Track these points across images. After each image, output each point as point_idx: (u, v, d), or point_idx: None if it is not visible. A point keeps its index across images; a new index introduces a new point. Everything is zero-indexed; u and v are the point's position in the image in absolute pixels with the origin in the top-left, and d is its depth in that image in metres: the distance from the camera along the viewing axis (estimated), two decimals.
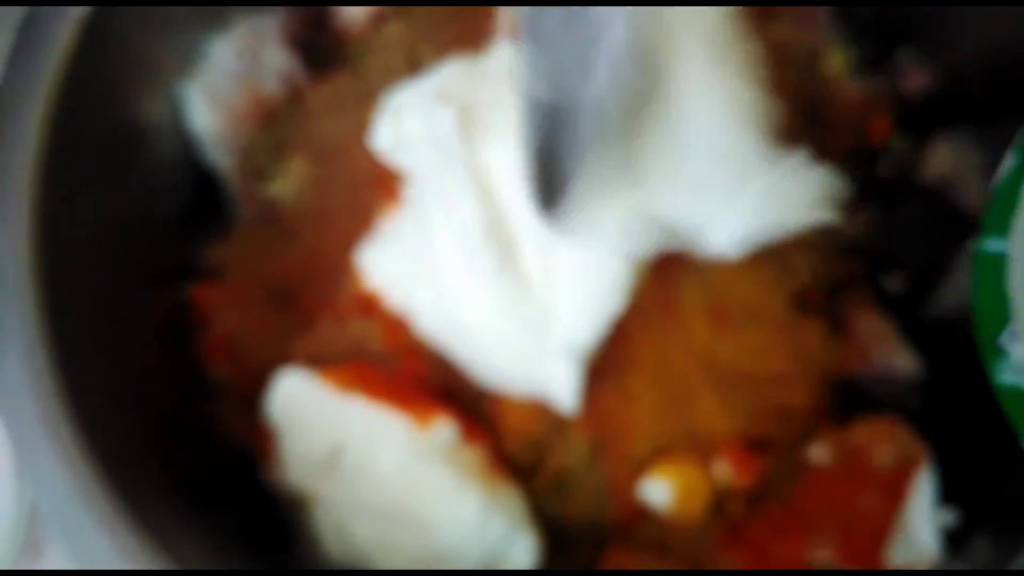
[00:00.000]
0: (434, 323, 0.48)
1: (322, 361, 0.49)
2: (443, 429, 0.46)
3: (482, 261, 0.46)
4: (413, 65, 0.53)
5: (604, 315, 0.45)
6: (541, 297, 0.45)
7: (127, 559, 0.42)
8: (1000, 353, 0.40)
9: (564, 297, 0.45)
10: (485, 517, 0.45)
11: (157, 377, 0.52)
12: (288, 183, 0.54)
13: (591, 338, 0.45)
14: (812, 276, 0.50)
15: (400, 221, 0.49)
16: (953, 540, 0.46)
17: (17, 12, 0.49)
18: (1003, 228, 0.41)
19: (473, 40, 0.52)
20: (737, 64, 0.47)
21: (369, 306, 0.49)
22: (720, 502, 0.48)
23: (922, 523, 0.46)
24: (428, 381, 0.48)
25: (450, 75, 0.48)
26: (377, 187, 0.51)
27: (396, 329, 0.49)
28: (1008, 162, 0.42)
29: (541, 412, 0.47)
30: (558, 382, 0.46)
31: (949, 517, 0.46)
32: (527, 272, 0.46)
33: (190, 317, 0.55)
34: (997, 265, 0.40)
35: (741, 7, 0.54)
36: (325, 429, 0.47)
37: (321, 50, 0.58)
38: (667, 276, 0.48)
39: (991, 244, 0.41)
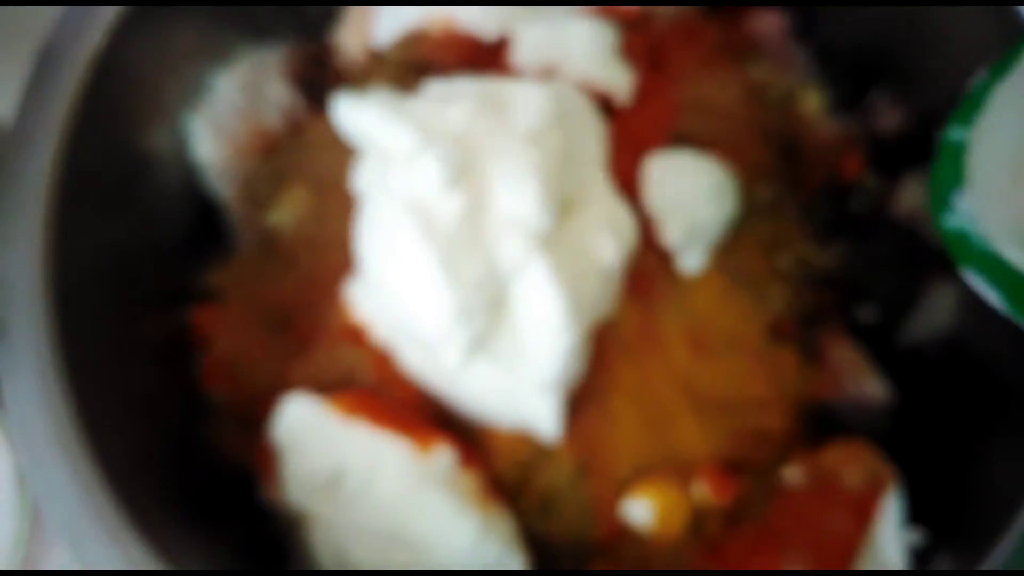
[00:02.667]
0: (416, 361, 0.48)
1: (319, 385, 0.49)
2: (443, 455, 0.47)
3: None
4: None
5: (577, 349, 0.45)
6: (516, 333, 0.45)
7: (129, 566, 0.42)
8: (948, 206, 0.45)
9: (536, 332, 0.44)
10: (480, 541, 0.46)
11: (159, 395, 0.53)
12: (287, 212, 0.54)
13: (567, 371, 0.45)
14: (787, 306, 0.50)
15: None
16: (918, 558, 0.47)
17: (32, 46, 0.50)
18: (966, 121, 0.45)
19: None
20: None
21: (357, 337, 0.50)
22: (698, 521, 0.48)
23: (889, 542, 0.46)
24: (421, 408, 0.49)
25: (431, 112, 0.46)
26: None
27: (384, 360, 0.49)
28: (980, 75, 0.46)
29: (527, 436, 0.48)
30: (540, 415, 0.46)
31: (915, 536, 0.47)
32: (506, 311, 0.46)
33: (191, 339, 0.55)
34: (957, 149, 0.45)
35: (721, 46, 0.56)
36: (327, 452, 0.47)
37: (321, 86, 0.58)
38: (648, 305, 0.49)
39: (953, 134, 0.46)
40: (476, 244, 0.43)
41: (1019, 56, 0.45)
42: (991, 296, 0.44)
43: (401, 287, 0.45)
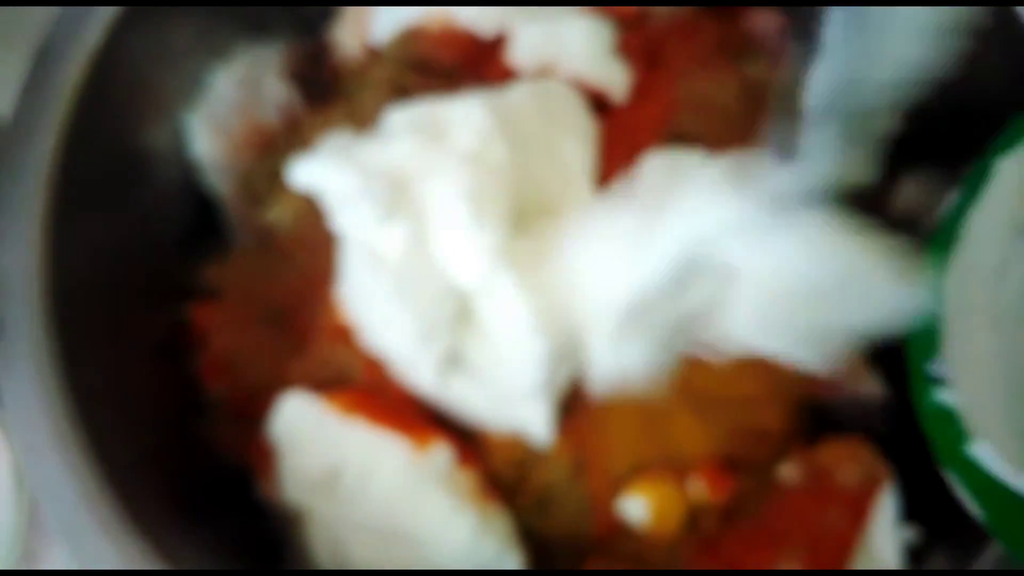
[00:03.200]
0: (402, 372, 0.48)
1: (316, 383, 0.50)
2: (440, 453, 0.47)
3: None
4: (402, 100, 0.53)
5: (557, 353, 0.45)
6: (493, 344, 0.46)
7: (126, 563, 0.43)
8: (927, 379, 0.43)
9: (510, 343, 0.45)
10: (477, 539, 0.46)
11: (157, 392, 0.53)
12: (284, 209, 0.54)
13: (551, 376, 0.46)
14: None
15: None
16: (914, 556, 0.47)
17: (31, 44, 0.50)
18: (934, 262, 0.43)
19: (462, 74, 0.54)
20: None
21: (347, 338, 0.50)
22: (694, 518, 0.48)
23: (884, 539, 0.46)
24: (417, 407, 0.49)
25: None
26: None
27: (374, 364, 0.49)
28: (947, 203, 0.45)
29: (523, 435, 0.48)
30: (530, 421, 0.47)
31: (910, 534, 0.47)
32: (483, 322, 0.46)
33: (189, 336, 0.56)
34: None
35: (717, 44, 0.56)
36: (325, 450, 0.47)
37: (318, 83, 0.59)
38: None
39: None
40: (427, 268, 0.44)
41: (990, 177, 0.43)
42: (971, 508, 0.42)
43: (369, 321, 0.47)
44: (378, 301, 0.46)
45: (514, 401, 0.46)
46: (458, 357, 0.46)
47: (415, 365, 0.46)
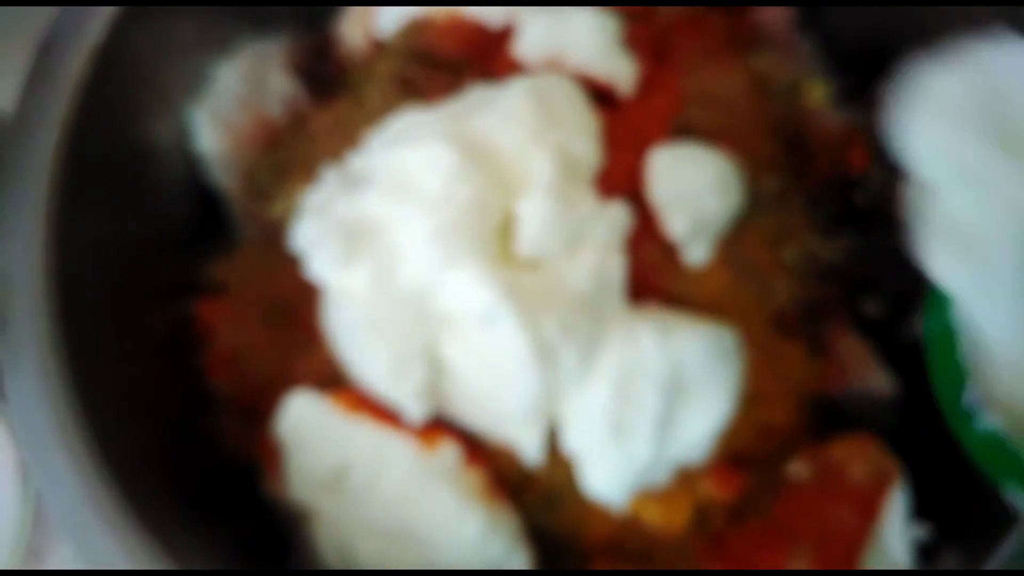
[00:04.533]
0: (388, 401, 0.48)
1: (321, 380, 0.50)
2: (448, 452, 0.47)
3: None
4: (408, 93, 0.54)
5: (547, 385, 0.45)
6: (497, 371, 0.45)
7: (132, 561, 0.43)
8: (962, 411, 0.44)
9: (507, 371, 0.45)
10: (485, 537, 0.46)
11: (162, 388, 0.53)
12: (289, 204, 0.54)
13: (542, 405, 0.46)
14: (792, 299, 0.50)
15: None
16: (925, 554, 0.47)
17: (32, 38, 0.50)
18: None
19: (468, 68, 0.54)
20: None
21: None
22: (703, 516, 0.48)
23: (895, 536, 0.46)
24: None
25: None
26: None
27: None
28: None
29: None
30: (523, 443, 0.47)
31: (921, 531, 0.47)
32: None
33: (194, 332, 0.56)
34: (947, 337, 0.44)
35: (726, 37, 0.56)
36: (332, 449, 0.48)
37: (323, 77, 0.59)
38: (650, 303, 0.48)
39: (936, 320, 0.45)
40: (395, 305, 0.46)
41: None
42: None
43: (350, 358, 0.48)
44: (354, 338, 0.47)
45: (507, 423, 0.47)
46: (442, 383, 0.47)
47: (394, 398, 0.47)
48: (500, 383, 0.45)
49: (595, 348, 0.45)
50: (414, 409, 0.46)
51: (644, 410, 0.45)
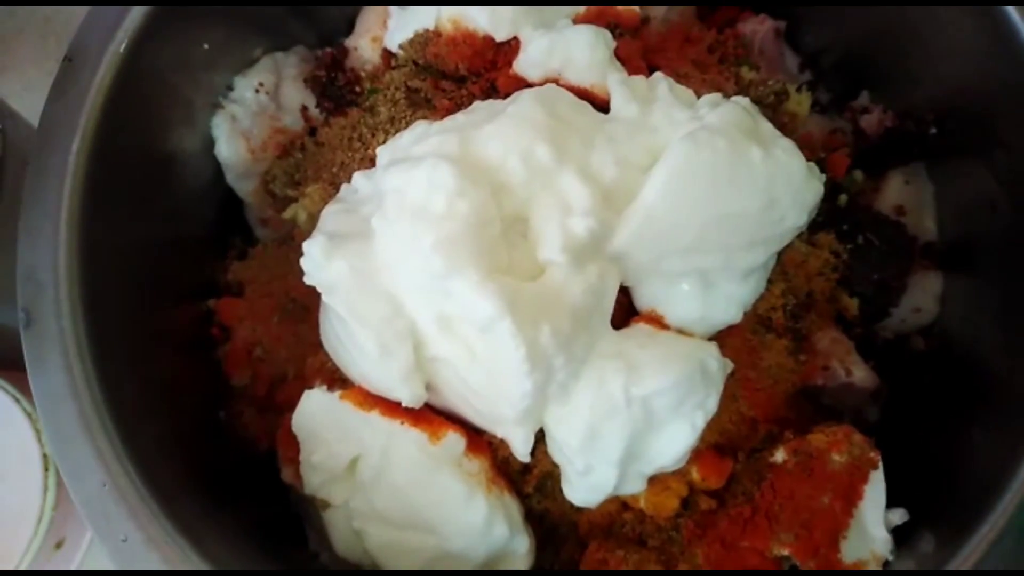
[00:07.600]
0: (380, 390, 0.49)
1: (333, 376, 0.51)
2: (453, 442, 0.48)
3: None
4: (416, 102, 0.56)
5: (539, 390, 0.46)
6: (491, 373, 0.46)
7: (153, 548, 0.44)
8: None
9: (502, 373, 0.45)
10: (489, 522, 0.48)
11: (183, 382, 0.55)
12: (304, 208, 0.56)
13: (533, 408, 0.46)
14: (778, 298, 0.51)
15: None
16: (901, 536, 0.48)
17: (60, 48, 0.51)
18: None
19: (474, 80, 0.55)
20: None
21: None
22: (692, 499, 0.50)
23: (874, 520, 0.48)
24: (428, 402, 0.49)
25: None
26: None
27: None
28: None
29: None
30: (512, 440, 0.48)
31: (898, 515, 0.48)
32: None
33: (214, 329, 0.58)
34: None
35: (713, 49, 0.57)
36: (345, 442, 0.49)
37: (336, 89, 0.61)
38: (638, 322, 0.49)
39: None
40: (374, 296, 0.47)
41: None
42: None
43: (339, 354, 0.50)
44: (343, 329, 0.48)
45: (502, 419, 0.48)
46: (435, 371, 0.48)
47: (386, 383, 0.48)
48: (495, 384, 0.46)
49: (584, 361, 0.47)
50: (404, 391, 0.47)
51: (609, 453, 0.46)
